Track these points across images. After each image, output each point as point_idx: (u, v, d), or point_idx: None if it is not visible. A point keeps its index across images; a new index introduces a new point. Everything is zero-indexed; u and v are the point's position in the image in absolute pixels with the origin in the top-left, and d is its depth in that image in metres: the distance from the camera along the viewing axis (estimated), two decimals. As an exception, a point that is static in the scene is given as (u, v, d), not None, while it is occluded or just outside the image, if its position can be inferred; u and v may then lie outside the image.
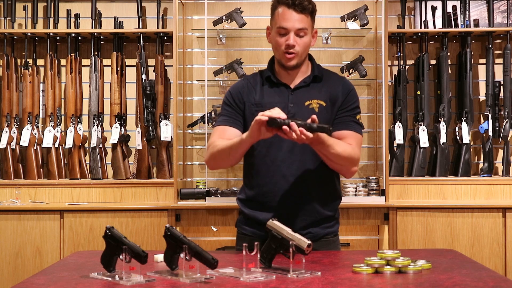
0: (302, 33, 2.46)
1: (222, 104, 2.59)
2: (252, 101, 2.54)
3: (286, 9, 2.45)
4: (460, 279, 1.96)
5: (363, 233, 4.44)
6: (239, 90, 2.57)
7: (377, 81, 4.42)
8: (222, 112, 2.57)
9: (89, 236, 4.07)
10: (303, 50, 2.49)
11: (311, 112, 2.47)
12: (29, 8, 4.46)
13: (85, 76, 4.50)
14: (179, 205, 4.12)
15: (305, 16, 2.46)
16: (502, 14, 4.44)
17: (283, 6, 2.46)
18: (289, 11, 2.45)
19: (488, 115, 4.34)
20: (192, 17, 4.53)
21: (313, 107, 2.50)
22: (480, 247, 4.04)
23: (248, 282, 1.94)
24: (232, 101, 2.56)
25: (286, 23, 2.45)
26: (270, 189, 2.50)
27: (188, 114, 4.52)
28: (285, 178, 2.49)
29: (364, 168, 4.48)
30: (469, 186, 4.27)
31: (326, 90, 2.54)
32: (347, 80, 2.64)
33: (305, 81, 2.55)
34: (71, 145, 4.39)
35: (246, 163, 2.60)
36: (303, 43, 2.47)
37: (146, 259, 1.94)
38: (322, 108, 2.51)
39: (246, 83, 2.59)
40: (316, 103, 2.51)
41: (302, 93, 2.53)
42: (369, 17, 4.37)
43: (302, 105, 2.50)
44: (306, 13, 2.46)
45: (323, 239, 2.54)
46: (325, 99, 2.52)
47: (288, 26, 2.45)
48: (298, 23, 2.45)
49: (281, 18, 2.46)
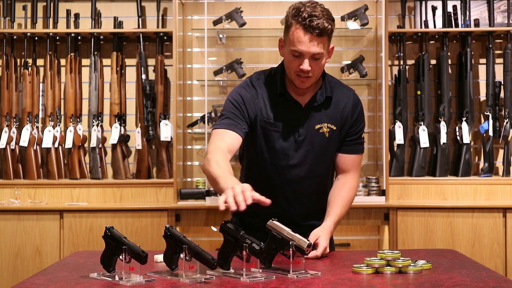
0: (318, 56, 2.27)
1: (227, 104, 2.41)
2: (265, 117, 2.40)
3: (302, 32, 2.23)
4: (461, 279, 1.96)
5: (363, 233, 4.43)
6: (252, 100, 2.39)
7: (377, 81, 4.42)
8: (227, 113, 2.39)
9: (89, 236, 4.07)
10: (318, 72, 2.32)
11: (321, 137, 2.41)
12: (28, 8, 4.46)
13: (84, 76, 4.49)
14: (179, 205, 4.11)
15: (322, 40, 2.25)
16: (502, 14, 4.44)
17: (299, 27, 2.23)
18: (306, 35, 2.23)
19: (489, 115, 4.34)
20: (192, 17, 4.52)
21: (323, 132, 2.42)
22: (480, 247, 4.04)
23: (248, 282, 1.93)
24: (243, 106, 2.38)
25: (302, 47, 2.24)
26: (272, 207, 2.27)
27: (188, 114, 4.51)
28: (288, 200, 2.46)
29: (364, 168, 4.48)
30: (470, 186, 4.27)
31: (337, 113, 2.43)
32: (356, 96, 2.50)
33: (316, 100, 2.40)
34: (70, 145, 4.39)
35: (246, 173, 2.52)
36: (318, 66, 2.29)
37: (146, 259, 1.94)
38: (332, 132, 2.43)
39: (257, 92, 2.41)
40: (327, 127, 2.42)
41: (312, 115, 2.41)
42: (369, 17, 4.37)
43: (313, 128, 2.41)
44: (324, 36, 2.25)
45: None
46: (336, 122, 2.43)
47: (303, 50, 2.25)
48: (314, 48, 2.24)
49: (296, 41, 2.24)
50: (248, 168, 2.53)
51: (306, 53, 2.25)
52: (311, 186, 2.49)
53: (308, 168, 2.43)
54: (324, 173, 2.49)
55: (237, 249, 2.02)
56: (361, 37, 4.51)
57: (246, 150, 2.51)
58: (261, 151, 2.45)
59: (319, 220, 2.46)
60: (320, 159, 2.45)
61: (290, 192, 2.46)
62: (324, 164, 2.48)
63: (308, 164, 2.43)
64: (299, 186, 2.46)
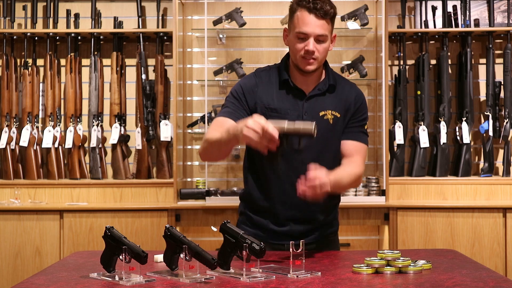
0: (322, 38, 2.37)
1: (229, 96, 2.48)
2: (266, 104, 2.44)
3: (306, 13, 2.35)
4: (461, 279, 1.96)
5: (363, 233, 4.43)
6: (252, 88, 2.46)
7: (377, 81, 4.42)
8: (227, 104, 2.46)
9: (89, 236, 4.07)
10: (323, 55, 2.41)
11: (326, 123, 2.44)
12: (28, 8, 4.46)
13: (84, 76, 4.49)
14: (179, 205, 4.11)
15: (326, 22, 2.36)
16: (502, 14, 4.44)
17: (304, 9, 2.35)
18: (310, 16, 2.34)
19: (489, 115, 4.34)
20: (192, 17, 4.52)
21: (327, 118, 2.45)
22: (480, 247, 4.04)
23: (248, 282, 1.93)
24: (242, 96, 2.45)
25: (306, 28, 2.34)
26: (278, 196, 2.46)
27: (188, 114, 4.51)
28: (294, 188, 2.46)
29: (364, 168, 4.47)
30: (470, 186, 4.27)
31: (340, 100, 2.48)
32: (359, 90, 2.57)
33: (319, 88, 2.46)
34: (70, 145, 4.38)
35: (251, 166, 2.54)
36: (322, 49, 2.39)
37: (146, 259, 1.94)
38: (337, 119, 2.46)
39: (259, 81, 2.48)
40: (331, 114, 2.45)
41: (316, 102, 2.46)
42: (369, 17, 4.37)
43: (317, 115, 2.44)
44: (327, 19, 2.36)
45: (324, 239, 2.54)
46: (340, 110, 2.47)
47: (308, 31, 2.35)
48: (318, 29, 2.35)
49: (301, 23, 2.35)
50: (254, 158, 2.52)
51: (311, 33, 2.35)
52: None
53: (313, 154, 2.41)
54: (330, 161, 2.46)
55: (237, 249, 2.02)
56: (361, 37, 4.51)
57: None
58: None
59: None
60: (325, 145, 2.46)
61: (296, 179, 2.46)
62: (329, 152, 2.48)
63: (313, 150, 2.42)
64: (304, 173, 2.47)
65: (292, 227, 2.47)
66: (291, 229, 2.47)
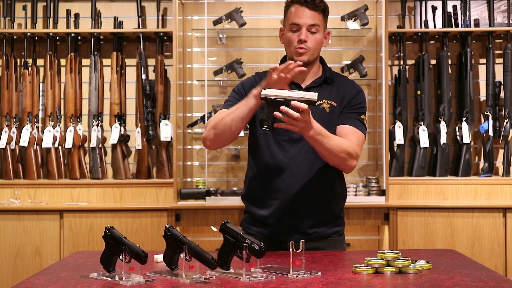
0: (314, 29, 2.50)
1: (231, 93, 2.61)
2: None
3: (298, 6, 2.50)
4: (461, 279, 1.96)
5: (363, 233, 4.43)
6: (252, 84, 2.54)
7: (377, 81, 4.42)
8: (229, 98, 2.58)
9: (89, 236, 4.07)
10: (315, 47, 2.51)
11: (322, 112, 2.49)
12: (28, 8, 4.46)
13: (84, 76, 4.49)
14: (179, 205, 4.11)
15: (317, 14, 2.50)
16: (502, 14, 4.44)
17: (296, 4, 2.51)
18: (302, 8, 2.49)
19: (489, 115, 4.34)
20: (192, 17, 4.52)
21: (324, 107, 2.52)
22: (480, 247, 4.04)
23: (248, 282, 1.93)
24: (243, 91, 2.55)
25: (298, 19, 2.49)
26: (278, 186, 2.49)
27: (188, 114, 4.51)
28: (294, 176, 2.49)
29: (364, 168, 4.48)
30: (470, 186, 4.27)
31: (336, 91, 2.56)
32: (357, 84, 2.64)
33: (316, 81, 2.56)
34: (70, 145, 4.38)
35: (253, 158, 2.58)
36: (315, 40, 2.50)
37: (146, 259, 1.94)
38: (333, 108, 2.52)
39: (259, 79, 2.57)
40: (327, 103, 2.52)
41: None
42: (369, 17, 4.37)
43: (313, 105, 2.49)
44: (318, 11, 2.50)
45: (330, 238, 2.55)
46: (336, 99, 2.54)
47: (300, 22, 2.49)
48: (310, 19, 2.49)
49: (294, 15, 2.51)
50: (255, 151, 2.57)
51: (303, 23, 2.49)
52: (318, 162, 2.50)
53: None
54: None
55: (237, 249, 2.02)
56: (361, 37, 4.51)
57: (252, 132, 2.60)
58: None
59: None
60: None
61: (295, 169, 2.50)
62: None
63: None
64: (306, 160, 2.51)
65: (294, 221, 2.48)
66: (294, 223, 2.48)
